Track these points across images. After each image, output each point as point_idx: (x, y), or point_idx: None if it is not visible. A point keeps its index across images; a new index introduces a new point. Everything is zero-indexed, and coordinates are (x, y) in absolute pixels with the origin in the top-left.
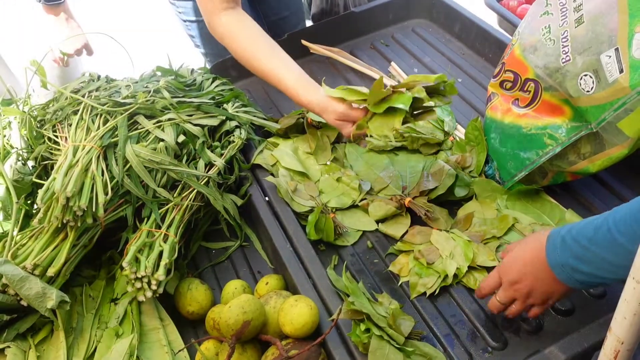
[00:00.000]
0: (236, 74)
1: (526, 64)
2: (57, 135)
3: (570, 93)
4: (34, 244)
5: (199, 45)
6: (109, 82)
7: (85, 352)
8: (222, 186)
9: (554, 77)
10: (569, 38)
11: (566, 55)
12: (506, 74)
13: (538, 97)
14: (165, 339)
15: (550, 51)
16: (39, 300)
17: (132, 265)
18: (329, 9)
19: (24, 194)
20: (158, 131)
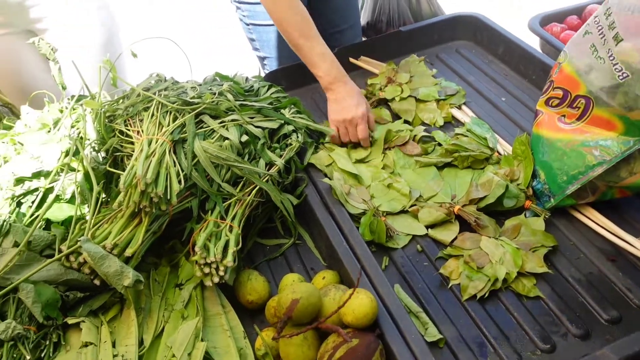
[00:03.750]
0: (286, 84)
1: (579, 81)
2: (129, 129)
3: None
4: (111, 226)
5: (258, 49)
6: (174, 83)
7: (154, 330)
8: (280, 186)
9: (613, 94)
10: (615, 56)
11: (621, 72)
12: (554, 91)
13: (588, 112)
14: (227, 324)
15: (603, 70)
16: (117, 278)
17: (202, 251)
18: (373, 23)
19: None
20: (223, 130)
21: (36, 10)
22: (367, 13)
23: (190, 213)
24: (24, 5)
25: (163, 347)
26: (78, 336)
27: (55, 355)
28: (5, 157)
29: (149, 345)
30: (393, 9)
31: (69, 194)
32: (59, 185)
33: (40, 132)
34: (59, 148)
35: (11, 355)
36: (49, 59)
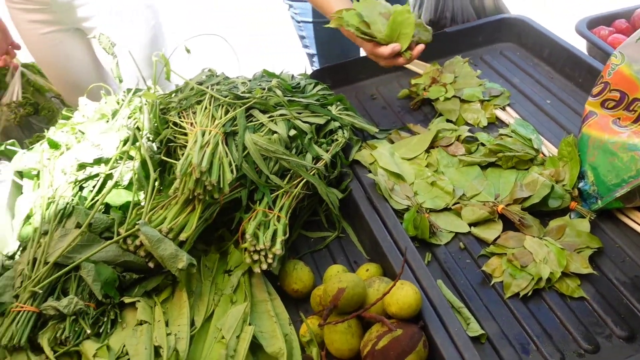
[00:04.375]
0: (332, 82)
1: (638, 84)
2: (183, 121)
3: None
4: (166, 212)
5: (308, 46)
6: (226, 78)
7: (204, 313)
8: (325, 180)
9: None
10: None
11: None
12: (611, 93)
13: None
14: (273, 311)
15: None
16: (172, 261)
17: (252, 239)
18: (436, 20)
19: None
20: (272, 124)
21: (84, 9)
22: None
23: (238, 203)
24: (73, 4)
25: (213, 329)
26: (133, 315)
27: (112, 332)
28: (67, 145)
29: (200, 326)
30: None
31: (126, 181)
32: (118, 172)
33: (100, 122)
34: (117, 137)
35: (73, 329)
36: (108, 52)
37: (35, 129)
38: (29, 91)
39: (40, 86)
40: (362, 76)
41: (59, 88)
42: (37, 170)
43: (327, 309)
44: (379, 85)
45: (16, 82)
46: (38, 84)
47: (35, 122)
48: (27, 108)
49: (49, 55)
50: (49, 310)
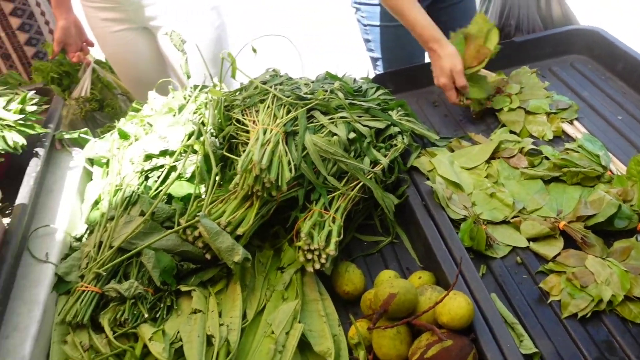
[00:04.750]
0: (393, 87)
1: None
2: (246, 118)
3: None
4: (225, 206)
5: (373, 50)
6: (289, 79)
7: (256, 307)
8: (382, 184)
9: None
10: None
11: None
12: None
13: None
14: (323, 310)
15: None
16: (229, 253)
17: (307, 238)
18: (500, 27)
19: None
20: (332, 126)
21: (152, 9)
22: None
23: (295, 202)
24: (142, 3)
25: (263, 323)
26: (188, 303)
27: (167, 318)
28: (136, 136)
29: (251, 319)
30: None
31: (189, 173)
32: (182, 164)
33: (167, 116)
34: (183, 131)
35: (132, 312)
36: (179, 49)
37: (99, 124)
38: (97, 87)
39: (109, 83)
40: (425, 82)
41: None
42: (107, 159)
43: (377, 313)
44: (441, 93)
45: (87, 78)
46: (107, 80)
47: (100, 118)
48: (93, 104)
49: (119, 52)
50: (110, 292)
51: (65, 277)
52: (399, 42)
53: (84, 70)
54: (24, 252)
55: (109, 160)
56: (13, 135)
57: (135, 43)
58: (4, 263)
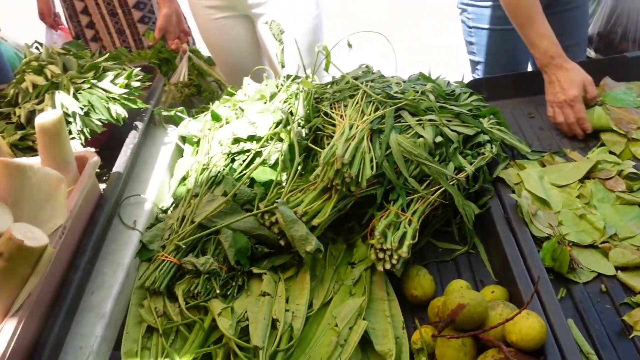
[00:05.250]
0: (488, 94)
1: None
2: (334, 112)
3: None
4: (303, 196)
5: (475, 53)
6: (381, 76)
7: (323, 298)
8: (464, 192)
9: None
10: None
11: None
12: None
13: None
14: (389, 311)
15: None
16: (302, 242)
17: (380, 237)
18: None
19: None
20: (419, 128)
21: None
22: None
23: (373, 200)
24: None
25: (328, 315)
26: (258, 285)
27: (237, 297)
28: (227, 119)
29: (317, 309)
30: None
31: (273, 160)
32: (267, 150)
33: (259, 103)
34: (272, 118)
35: (205, 286)
36: (277, 39)
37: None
38: (193, 74)
39: (203, 70)
40: (523, 92)
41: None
42: (198, 138)
43: (443, 321)
44: (539, 105)
45: (184, 65)
46: (202, 68)
47: (197, 102)
48: (192, 89)
49: (219, 39)
50: (187, 264)
51: (148, 245)
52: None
53: (181, 58)
54: (115, 217)
55: (200, 139)
56: (117, 107)
57: (235, 30)
58: (97, 225)
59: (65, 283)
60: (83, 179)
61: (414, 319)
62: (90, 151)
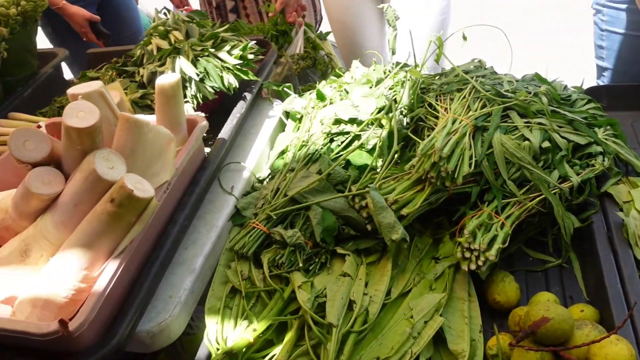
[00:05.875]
0: (608, 103)
1: None
2: (438, 104)
3: None
4: (396, 184)
5: (604, 58)
6: (493, 73)
7: (402, 288)
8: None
9: None
10: None
11: None
12: None
13: None
14: (467, 312)
15: None
16: (388, 230)
17: (469, 236)
18: None
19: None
20: (526, 130)
21: None
22: None
23: (466, 198)
24: None
25: (405, 306)
26: (340, 265)
27: (318, 273)
28: (331, 99)
29: (394, 298)
30: None
31: (370, 145)
32: (366, 135)
33: (364, 86)
34: (375, 104)
35: (289, 258)
36: (390, 25)
37: (310, 80)
38: (308, 47)
39: (317, 44)
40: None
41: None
42: (301, 115)
43: (524, 331)
44: None
45: (300, 38)
46: (316, 41)
47: (311, 75)
48: (307, 61)
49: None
50: (275, 235)
51: (242, 211)
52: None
53: (297, 31)
54: (215, 180)
55: (303, 116)
56: (229, 77)
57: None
58: (198, 185)
59: (164, 235)
60: (191, 141)
61: (493, 324)
62: (200, 115)
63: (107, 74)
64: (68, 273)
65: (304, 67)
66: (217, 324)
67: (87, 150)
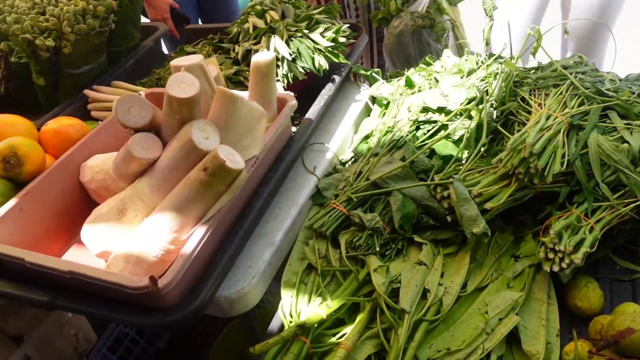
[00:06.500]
0: None
1: None
2: (532, 99)
3: None
4: (481, 177)
5: None
6: (594, 70)
7: (479, 282)
8: None
9: None
10: None
11: None
12: None
13: None
14: (545, 314)
15: None
16: (469, 222)
17: (555, 237)
18: None
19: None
20: (626, 132)
21: None
22: None
23: (553, 197)
24: None
25: (480, 301)
26: (416, 254)
27: (394, 259)
28: (420, 87)
29: (470, 291)
30: None
31: (457, 136)
32: (454, 125)
33: (455, 76)
34: (465, 94)
35: (366, 241)
36: (487, 14)
37: (423, 42)
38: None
39: (443, 8)
40: None
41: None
42: (387, 101)
43: (605, 340)
44: None
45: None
46: (442, 5)
47: (425, 36)
48: (425, 21)
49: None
50: (355, 217)
51: (322, 191)
52: None
53: None
54: (298, 159)
55: (389, 102)
56: (320, 59)
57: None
58: (283, 162)
59: (248, 207)
60: (280, 119)
61: (572, 330)
62: (290, 94)
63: (204, 49)
64: (159, 234)
65: (419, 26)
66: (292, 298)
67: (185, 119)
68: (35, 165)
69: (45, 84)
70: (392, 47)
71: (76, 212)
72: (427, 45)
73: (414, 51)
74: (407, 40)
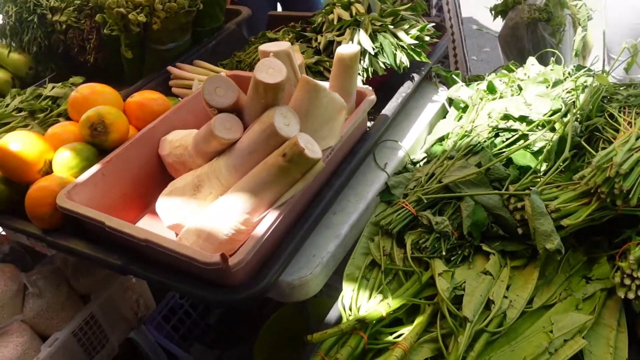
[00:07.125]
0: None
1: None
2: (621, 117)
3: None
4: (559, 192)
5: None
6: None
7: (546, 299)
8: None
9: None
10: None
11: None
12: None
13: None
14: (614, 342)
15: None
16: (543, 237)
17: (634, 263)
18: None
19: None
20: None
21: None
22: None
23: (634, 221)
24: None
25: (545, 319)
26: (482, 263)
27: (459, 265)
28: (501, 94)
29: (535, 308)
30: None
31: (536, 147)
32: (535, 136)
33: (540, 85)
34: (549, 105)
35: (433, 244)
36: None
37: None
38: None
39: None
40: None
41: None
42: (465, 105)
43: None
44: None
45: None
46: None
47: (540, 29)
48: (542, 14)
49: None
50: (423, 218)
51: (391, 189)
52: None
53: None
54: (370, 154)
55: (467, 106)
56: (402, 56)
57: None
58: (356, 156)
59: (319, 197)
60: (358, 112)
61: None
62: (369, 89)
63: (287, 37)
64: (232, 213)
65: (535, 18)
66: (353, 292)
67: (269, 104)
68: (120, 134)
69: (132, 57)
70: (505, 38)
71: (151, 183)
72: (541, 39)
73: (527, 44)
74: (522, 33)
